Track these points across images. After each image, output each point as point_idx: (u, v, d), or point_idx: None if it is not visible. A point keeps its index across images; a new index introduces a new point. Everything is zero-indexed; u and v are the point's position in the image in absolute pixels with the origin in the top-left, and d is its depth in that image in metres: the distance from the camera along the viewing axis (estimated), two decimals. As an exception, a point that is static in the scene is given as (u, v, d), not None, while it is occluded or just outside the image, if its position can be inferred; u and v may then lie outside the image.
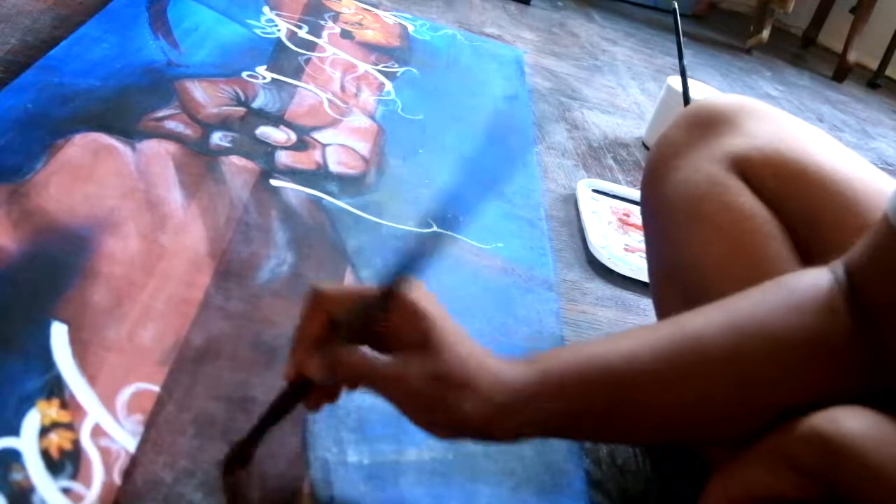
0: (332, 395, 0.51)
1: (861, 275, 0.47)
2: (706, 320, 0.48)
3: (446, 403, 0.46)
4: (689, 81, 1.19)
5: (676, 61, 1.19)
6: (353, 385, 0.50)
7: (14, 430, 0.49)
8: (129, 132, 0.86)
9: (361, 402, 0.61)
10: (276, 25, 1.31)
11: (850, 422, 0.42)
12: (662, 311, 0.68)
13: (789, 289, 0.48)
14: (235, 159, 0.88)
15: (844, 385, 0.45)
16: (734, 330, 0.46)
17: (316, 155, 0.96)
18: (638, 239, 1.02)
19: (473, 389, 0.46)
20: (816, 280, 0.48)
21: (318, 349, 0.48)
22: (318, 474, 0.54)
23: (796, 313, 0.47)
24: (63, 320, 0.59)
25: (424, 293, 0.48)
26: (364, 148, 1.01)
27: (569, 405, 0.46)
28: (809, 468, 0.42)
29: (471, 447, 0.60)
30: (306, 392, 0.50)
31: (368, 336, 0.48)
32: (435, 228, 0.87)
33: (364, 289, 0.49)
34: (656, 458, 0.67)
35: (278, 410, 0.51)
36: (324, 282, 0.49)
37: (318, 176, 0.91)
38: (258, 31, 1.26)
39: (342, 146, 1.00)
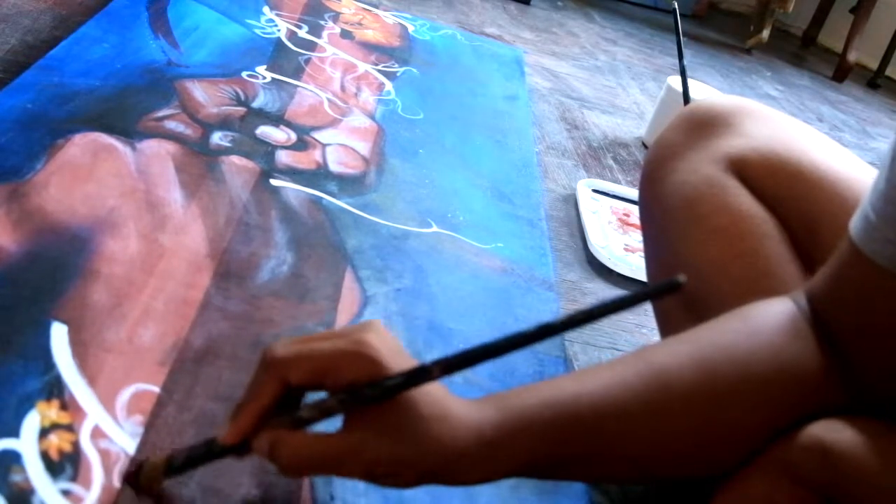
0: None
1: (823, 299, 0.46)
2: (672, 353, 0.46)
3: (409, 465, 0.43)
4: (689, 81, 1.19)
5: (676, 61, 1.19)
6: (293, 473, 0.45)
7: (14, 432, 0.49)
8: (129, 132, 0.86)
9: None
10: (276, 25, 1.31)
11: (850, 432, 0.41)
12: (661, 312, 0.68)
13: (751, 317, 0.48)
14: (235, 159, 0.88)
15: (818, 406, 0.44)
16: (700, 361, 0.45)
17: (316, 155, 0.96)
18: (638, 239, 1.02)
19: (437, 442, 0.42)
20: (778, 308, 0.48)
21: (265, 421, 0.44)
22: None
23: (760, 340, 0.46)
24: (63, 321, 0.59)
25: (381, 338, 0.44)
26: (364, 148, 1.01)
27: (539, 454, 0.44)
28: (809, 478, 0.42)
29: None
30: (240, 454, 0.46)
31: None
32: (435, 227, 0.87)
33: (327, 354, 0.43)
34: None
35: (201, 459, 0.47)
36: (280, 342, 0.44)
37: (318, 176, 0.91)
38: (258, 31, 1.26)
39: (342, 146, 1.00)
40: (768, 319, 0.47)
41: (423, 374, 0.42)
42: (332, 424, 0.44)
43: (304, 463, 0.43)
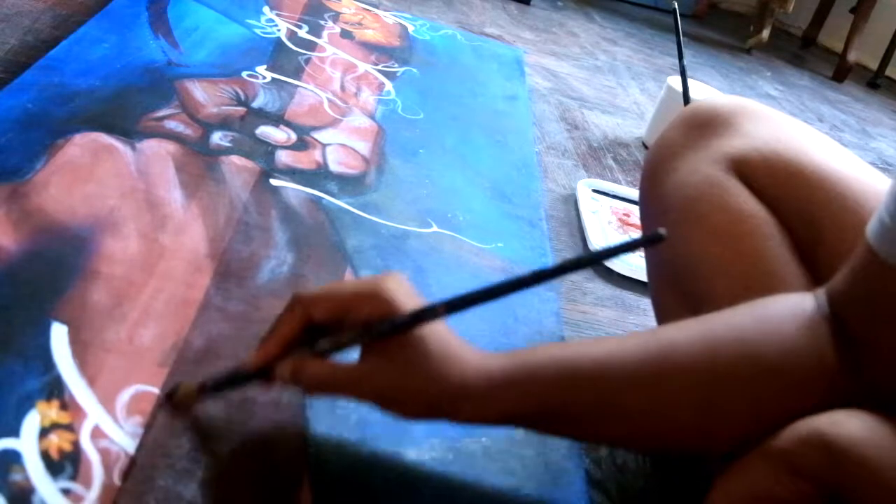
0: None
1: (841, 299, 0.47)
2: (681, 329, 0.48)
3: (416, 395, 0.47)
4: (690, 81, 1.19)
5: (676, 61, 1.19)
6: (313, 392, 0.51)
7: (14, 431, 0.49)
8: (129, 132, 0.86)
9: (361, 402, 0.61)
10: (276, 25, 1.31)
11: (852, 425, 0.42)
12: (661, 312, 0.68)
13: (768, 306, 0.49)
14: (235, 159, 0.88)
15: (824, 400, 0.45)
16: (707, 339, 0.47)
17: (316, 154, 0.96)
18: (638, 239, 1.02)
19: (445, 378, 0.47)
20: (798, 301, 0.49)
21: (288, 349, 0.49)
22: (318, 473, 0.54)
23: (771, 327, 0.47)
24: (63, 321, 0.59)
25: (398, 283, 0.49)
26: (364, 148, 1.01)
27: (541, 401, 0.47)
28: (811, 471, 0.42)
29: (471, 447, 0.60)
30: (264, 378, 0.51)
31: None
32: (435, 227, 0.88)
33: (347, 295, 0.49)
34: (656, 458, 0.67)
35: (229, 383, 0.53)
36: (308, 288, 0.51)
37: (318, 176, 0.91)
38: (258, 31, 1.26)
39: (342, 146, 1.00)
40: (783, 310, 0.48)
41: (429, 312, 0.47)
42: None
43: (323, 383, 0.48)
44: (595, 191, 1.11)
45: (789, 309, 0.48)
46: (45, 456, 0.49)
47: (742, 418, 0.46)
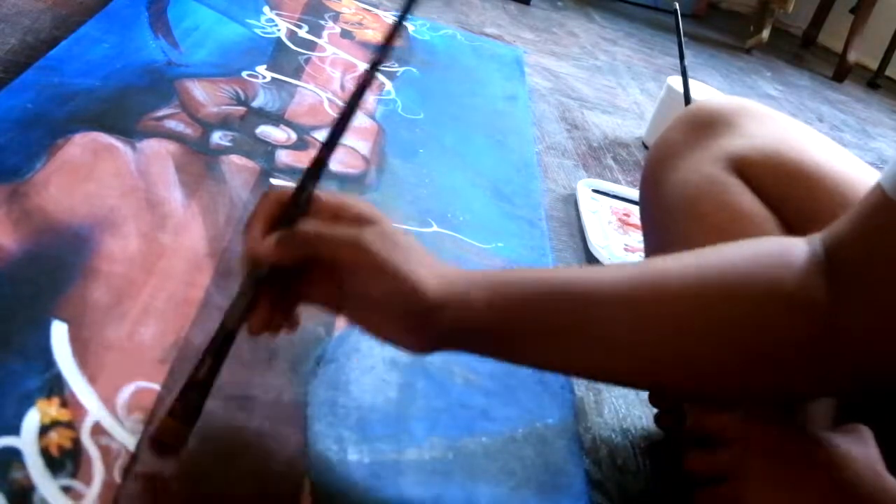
0: (287, 312, 0.52)
1: (840, 240, 0.46)
2: (675, 259, 0.48)
3: (396, 279, 0.48)
4: (690, 81, 1.19)
5: (677, 61, 1.19)
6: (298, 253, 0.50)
7: (14, 429, 0.49)
8: (129, 132, 0.86)
9: (362, 401, 0.61)
10: (276, 25, 1.31)
11: None
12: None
13: (760, 242, 0.50)
14: (235, 158, 0.88)
15: (809, 336, 0.44)
16: (698, 268, 0.47)
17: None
18: (638, 239, 1.02)
19: (425, 279, 0.48)
20: (790, 242, 0.48)
21: (270, 230, 0.50)
22: (318, 473, 0.54)
23: (760, 260, 0.47)
24: (63, 319, 0.59)
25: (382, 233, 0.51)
26: (364, 147, 1.01)
27: (522, 309, 0.47)
28: None
29: (471, 447, 0.60)
30: (263, 284, 0.50)
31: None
32: (435, 227, 0.88)
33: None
34: (656, 458, 0.67)
35: (235, 315, 0.51)
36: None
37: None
38: (258, 31, 1.26)
39: (342, 145, 1.00)
40: (774, 249, 0.48)
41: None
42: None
43: (316, 240, 0.50)
44: (595, 191, 1.11)
45: (779, 246, 0.48)
46: (46, 453, 0.49)
47: (725, 353, 0.46)
